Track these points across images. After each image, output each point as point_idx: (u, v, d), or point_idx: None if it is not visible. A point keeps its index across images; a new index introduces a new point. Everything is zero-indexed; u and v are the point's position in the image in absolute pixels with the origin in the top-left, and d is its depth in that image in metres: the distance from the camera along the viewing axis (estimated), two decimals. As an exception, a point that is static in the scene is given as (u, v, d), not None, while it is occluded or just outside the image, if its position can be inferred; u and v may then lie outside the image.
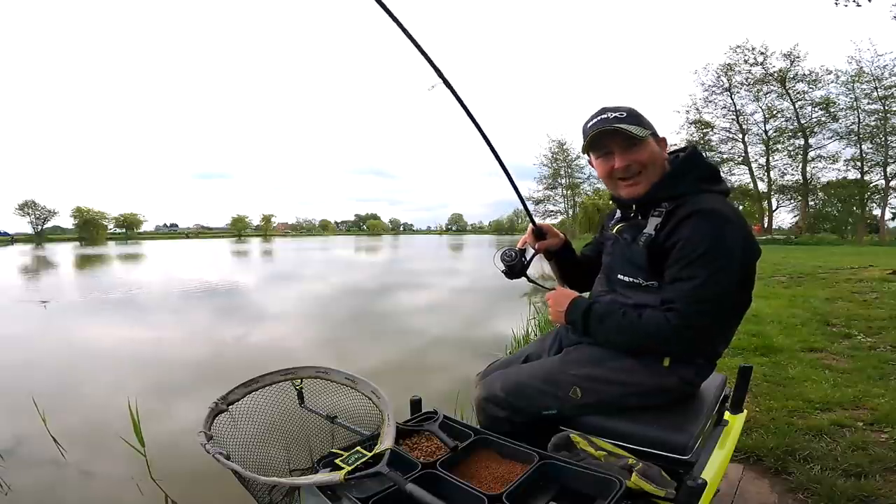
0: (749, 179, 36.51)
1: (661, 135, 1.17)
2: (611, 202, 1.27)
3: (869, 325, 4.16)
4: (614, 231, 1.22)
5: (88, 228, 69.10)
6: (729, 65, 35.23)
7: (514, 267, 1.31)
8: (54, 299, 8.55)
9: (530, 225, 1.38)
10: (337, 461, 0.93)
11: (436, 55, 1.06)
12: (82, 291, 9.99)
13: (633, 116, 1.11)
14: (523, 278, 1.34)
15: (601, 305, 1.15)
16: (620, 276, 1.17)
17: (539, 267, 1.43)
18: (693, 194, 1.09)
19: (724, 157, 37.12)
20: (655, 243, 1.07)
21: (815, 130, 32.70)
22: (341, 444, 1.10)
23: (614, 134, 1.09)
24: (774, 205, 36.43)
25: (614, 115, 1.10)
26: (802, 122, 33.10)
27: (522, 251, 1.33)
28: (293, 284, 11.62)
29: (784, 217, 45.27)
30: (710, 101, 37.01)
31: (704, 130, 37.32)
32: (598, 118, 1.12)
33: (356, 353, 4.98)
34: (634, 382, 1.09)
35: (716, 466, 1.06)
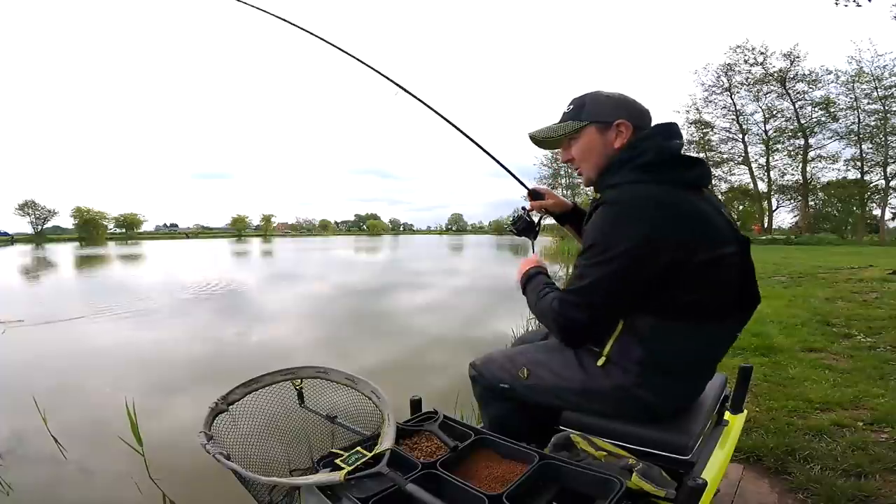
0: (749, 179, 36.52)
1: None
2: None
3: (869, 325, 4.16)
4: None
5: (88, 228, 69.08)
6: (729, 65, 35.14)
7: (518, 223, 1.49)
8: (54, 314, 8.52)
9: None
10: (337, 461, 0.93)
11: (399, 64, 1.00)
12: (82, 300, 9.97)
13: (576, 109, 1.10)
14: (526, 238, 1.49)
15: (538, 278, 1.18)
16: None
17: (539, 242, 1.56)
18: (629, 184, 0.99)
19: (724, 157, 37.13)
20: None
21: (815, 130, 32.62)
22: (341, 444, 1.10)
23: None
24: (774, 205, 36.44)
25: (565, 111, 1.14)
26: (802, 122, 33.01)
27: (529, 212, 1.50)
28: (293, 284, 11.59)
29: (784, 217, 45.47)
30: (710, 101, 36.90)
31: (704, 130, 37.26)
32: (547, 126, 1.17)
33: (356, 352, 4.97)
34: (568, 377, 1.11)
35: (716, 466, 1.06)
